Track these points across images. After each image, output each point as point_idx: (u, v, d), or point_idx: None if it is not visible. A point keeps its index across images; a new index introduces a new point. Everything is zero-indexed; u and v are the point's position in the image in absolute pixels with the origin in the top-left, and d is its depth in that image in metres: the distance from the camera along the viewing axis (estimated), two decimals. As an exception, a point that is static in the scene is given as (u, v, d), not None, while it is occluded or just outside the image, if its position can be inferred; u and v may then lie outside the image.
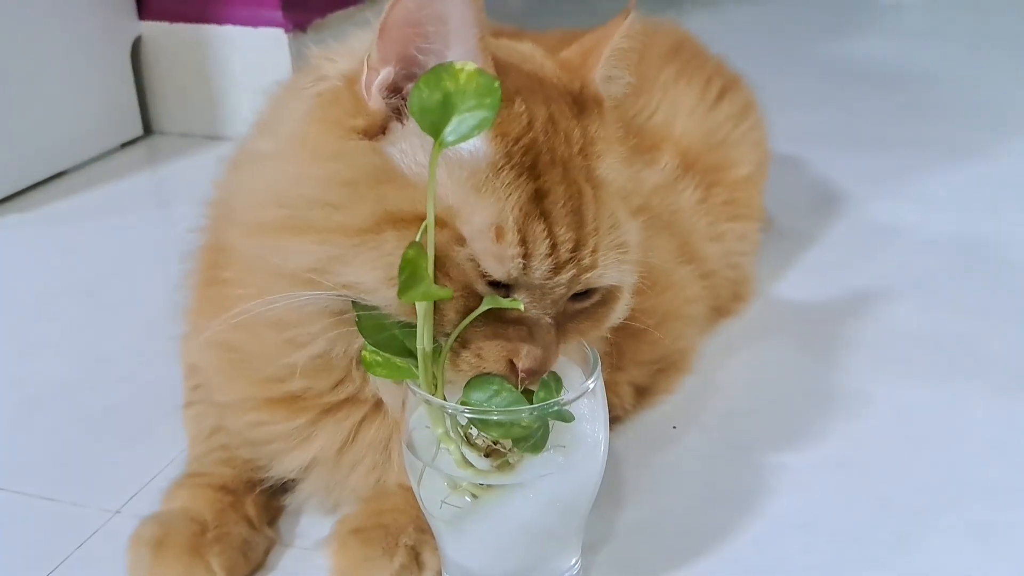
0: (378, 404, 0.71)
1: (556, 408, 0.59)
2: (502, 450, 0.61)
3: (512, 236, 0.58)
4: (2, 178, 1.42)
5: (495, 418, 0.58)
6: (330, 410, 0.72)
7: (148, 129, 1.69)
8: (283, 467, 0.75)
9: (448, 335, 0.59)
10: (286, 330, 0.67)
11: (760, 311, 1.06)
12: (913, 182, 1.38)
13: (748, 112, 1.09)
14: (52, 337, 1.08)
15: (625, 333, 0.85)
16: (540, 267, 0.59)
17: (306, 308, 0.64)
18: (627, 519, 0.77)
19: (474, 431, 0.61)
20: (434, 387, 0.60)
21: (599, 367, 0.63)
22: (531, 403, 0.60)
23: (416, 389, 0.61)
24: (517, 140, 0.60)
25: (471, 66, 0.55)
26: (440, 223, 0.58)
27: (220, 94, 1.64)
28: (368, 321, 0.60)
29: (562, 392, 0.61)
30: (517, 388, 0.59)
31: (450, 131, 0.55)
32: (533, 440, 0.60)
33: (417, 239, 0.56)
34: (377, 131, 0.62)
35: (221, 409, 0.78)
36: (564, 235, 0.60)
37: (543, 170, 0.60)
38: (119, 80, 1.63)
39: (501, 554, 0.64)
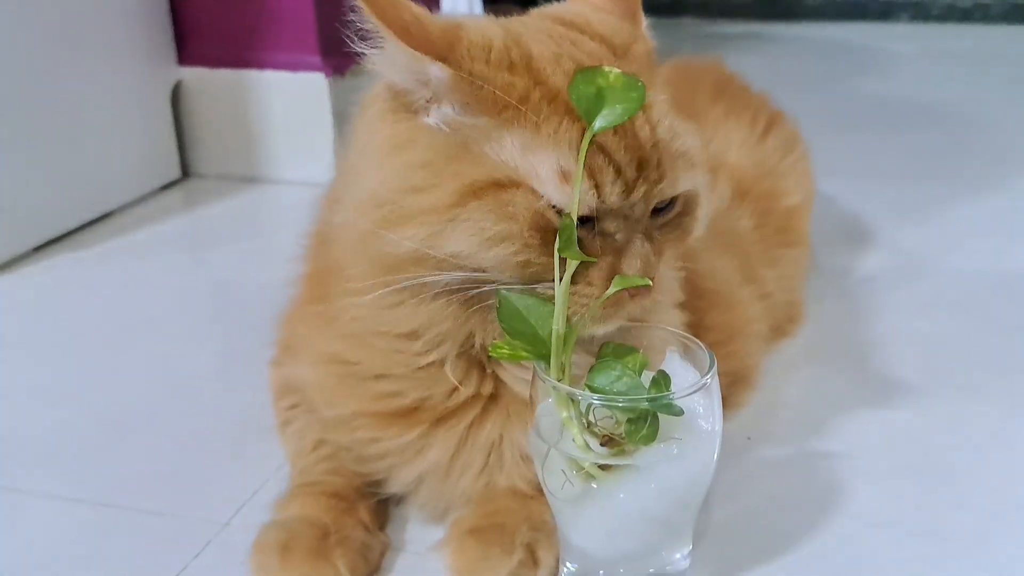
0: (488, 405, 0.75)
1: (667, 400, 0.64)
2: (618, 440, 0.65)
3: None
4: (54, 219, 1.46)
5: (617, 404, 0.64)
6: (442, 419, 0.75)
7: (186, 172, 1.74)
8: (396, 481, 0.79)
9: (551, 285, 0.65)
10: (401, 328, 0.72)
11: (812, 332, 1.11)
12: (941, 213, 1.45)
13: (793, 145, 1.15)
14: (126, 366, 1.12)
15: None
16: (612, 192, 0.64)
17: (428, 296, 0.69)
18: (716, 519, 0.81)
19: (594, 418, 0.65)
20: (562, 372, 0.65)
21: (715, 367, 0.67)
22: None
23: (544, 376, 0.65)
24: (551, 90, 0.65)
25: (616, 71, 0.64)
26: (514, 185, 0.64)
27: (258, 137, 1.69)
28: (507, 308, 0.65)
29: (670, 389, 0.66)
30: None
31: (601, 118, 0.62)
32: (644, 432, 0.64)
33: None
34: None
35: (326, 425, 0.81)
36: (625, 158, 0.64)
37: None
38: (159, 124, 1.67)
39: (616, 538, 0.68)
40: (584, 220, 0.65)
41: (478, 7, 2.39)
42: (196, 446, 0.95)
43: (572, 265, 0.63)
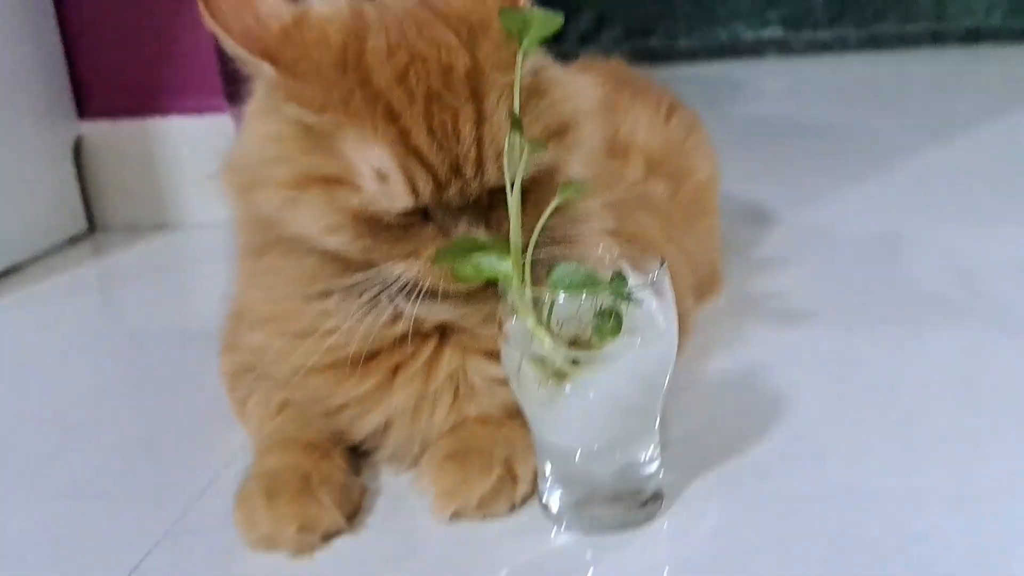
0: (441, 343, 0.78)
1: (626, 286, 0.71)
2: (582, 342, 0.70)
3: (393, 174, 0.68)
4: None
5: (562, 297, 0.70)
6: (399, 366, 0.78)
7: (93, 225, 1.72)
8: (361, 429, 0.81)
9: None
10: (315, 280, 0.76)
11: (731, 298, 1.19)
12: (825, 197, 1.58)
13: (695, 126, 1.23)
14: (61, 387, 1.11)
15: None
16: (425, 192, 0.69)
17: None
18: (675, 435, 0.86)
19: (557, 326, 0.70)
20: (522, 280, 0.69)
21: (665, 265, 0.73)
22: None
23: (508, 286, 0.70)
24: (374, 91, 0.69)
25: (535, 10, 0.72)
26: (338, 182, 0.69)
27: (166, 185, 1.68)
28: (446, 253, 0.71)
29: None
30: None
31: (527, 40, 0.70)
32: (611, 323, 0.69)
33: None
34: None
35: (287, 385, 0.82)
36: (438, 159, 0.69)
37: (401, 111, 0.68)
38: (62, 179, 1.65)
39: (590, 428, 0.72)
40: (411, 214, 0.70)
41: None
42: (150, 444, 0.95)
43: (519, 188, 0.69)
